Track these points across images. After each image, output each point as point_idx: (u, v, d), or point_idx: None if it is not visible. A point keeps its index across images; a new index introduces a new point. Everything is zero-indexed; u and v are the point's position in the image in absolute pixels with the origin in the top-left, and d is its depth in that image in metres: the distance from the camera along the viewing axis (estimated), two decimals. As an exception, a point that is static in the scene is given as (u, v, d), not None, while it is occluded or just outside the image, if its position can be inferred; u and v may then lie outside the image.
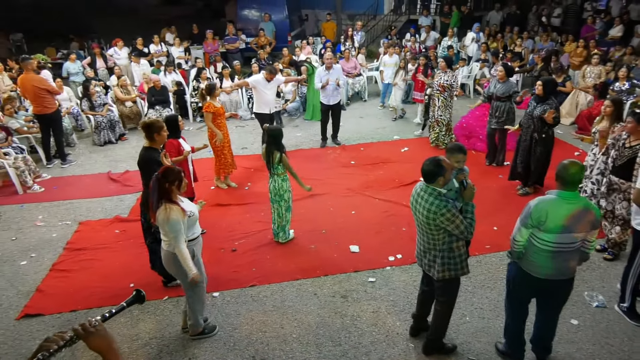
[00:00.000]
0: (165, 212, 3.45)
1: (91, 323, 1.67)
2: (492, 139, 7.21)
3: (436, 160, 3.21)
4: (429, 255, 3.44)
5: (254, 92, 7.63)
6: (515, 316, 3.60)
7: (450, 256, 3.35)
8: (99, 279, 4.87)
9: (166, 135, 4.58)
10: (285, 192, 5.19)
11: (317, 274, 4.87)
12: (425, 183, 3.27)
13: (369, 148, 8.32)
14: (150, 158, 4.39)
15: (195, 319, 3.95)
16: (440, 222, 3.17)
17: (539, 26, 14.04)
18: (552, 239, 3.09)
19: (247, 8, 15.07)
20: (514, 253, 3.36)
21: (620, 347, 3.82)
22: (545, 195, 3.19)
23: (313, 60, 11.02)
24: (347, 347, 3.90)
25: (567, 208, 3.04)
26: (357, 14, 17.09)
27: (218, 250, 5.32)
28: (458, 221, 3.16)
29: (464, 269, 3.42)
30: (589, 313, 4.22)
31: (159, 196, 3.50)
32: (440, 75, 7.71)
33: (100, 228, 5.94)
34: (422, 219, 3.29)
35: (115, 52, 11.47)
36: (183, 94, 10.15)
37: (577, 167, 3.08)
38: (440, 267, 3.37)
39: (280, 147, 5.08)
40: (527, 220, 3.14)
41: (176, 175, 3.51)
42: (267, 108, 7.55)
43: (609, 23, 12.48)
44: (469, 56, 12.22)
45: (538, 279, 3.25)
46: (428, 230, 3.31)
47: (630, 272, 4.02)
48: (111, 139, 8.95)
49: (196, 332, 4.00)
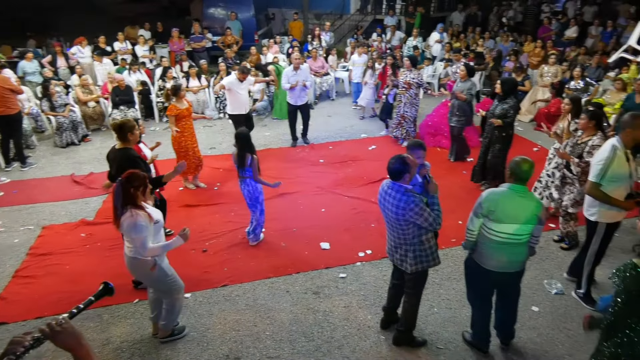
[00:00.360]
0: (132, 217, 3.38)
1: (58, 321, 1.63)
2: (455, 136, 7.46)
3: (401, 159, 3.32)
4: (400, 250, 3.55)
5: (228, 94, 7.53)
6: (478, 309, 3.77)
7: (422, 249, 3.47)
8: (66, 284, 4.76)
9: (139, 134, 4.52)
10: (260, 194, 5.18)
11: (288, 271, 4.92)
12: (392, 180, 3.39)
13: (337, 146, 8.42)
14: (131, 155, 4.33)
15: (170, 320, 3.90)
16: (410, 216, 3.28)
17: (500, 27, 14.50)
18: (500, 229, 3.29)
19: (213, 6, 14.93)
20: (468, 243, 3.55)
21: (577, 331, 4.04)
22: (497, 188, 3.39)
23: (280, 60, 11.03)
24: (320, 342, 3.97)
25: (516, 200, 3.25)
26: (324, 14, 17.18)
27: (188, 252, 5.28)
28: (426, 214, 3.28)
29: (435, 260, 3.56)
30: (548, 300, 4.44)
31: (124, 201, 3.42)
32: (405, 74, 7.90)
33: (65, 232, 5.80)
34: (391, 215, 3.39)
35: (79, 51, 11.14)
36: (148, 94, 9.97)
37: (529, 164, 3.29)
38: (413, 260, 3.49)
39: (252, 149, 5.05)
40: (479, 209, 3.35)
41: (141, 181, 3.44)
42: (243, 109, 7.52)
43: (565, 24, 13.03)
44: (434, 56, 12.50)
45: (489, 272, 3.45)
46: (398, 225, 3.42)
47: (586, 260, 4.25)
48: (74, 141, 8.71)
49: (166, 334, 3.97)
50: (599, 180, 3.79)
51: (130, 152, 4.35)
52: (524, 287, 4.54)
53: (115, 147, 4.42)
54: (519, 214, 3.24)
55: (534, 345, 3.91)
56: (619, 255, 4.96)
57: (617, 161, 3.74)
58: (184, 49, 12.12)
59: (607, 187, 3.80)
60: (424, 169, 3.59)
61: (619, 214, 3.99)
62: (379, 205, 3.54)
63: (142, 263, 3.55)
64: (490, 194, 3.34)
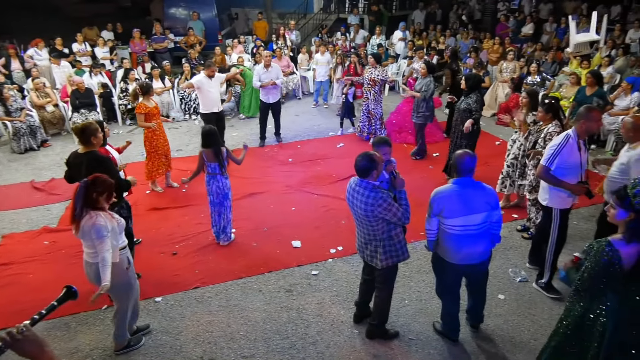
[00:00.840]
0: (91, 219, 3.29)
1: (19, 329, 1.59)
2: (420, 133, 7.64)
3: (368, 156, 3.38)
4: (370, 247, 3.60)
5: (199, 93, 7.45)
6: (447, 301, 3.88)
7: (391, 244, 3.54)
8: (29, 293, 4.60)
9: (102, 137, 4.40)
10: (229, 190, 5.21)
11: (261, 271, 4.92)
12: (360, 178, 3.44)
13: (305, 145, 8.45)
14: (99, 156, 4.20)
15: (122, 331, 3.80)
16: (379, 212, 3.34)
17: (459, 25, 14.86)
18: (454, 222, 3.41)
19: (174, 6, 14.67)
20: (430, 242, 3.67)
21: (542, 317, 4.22)
22: (443, 186, 3.52)
23: (245, 60, 10.96)
24: (294, 339, 4.00)
25: (462, 193, 3.38)
26: (288, 13, 17.17)
27: (158, 255, 5.21)
28: (394, 209, 3.35)
29: (405, 254, 3.63)
30: (513, 288, 4.61)
31: (84, 204, 3.32)
32: (370, 71, 8.02)
33: (27, 240, 5.60)
34: (360, 212, 3.43)
35: (36, 53, 10.72)
36: (110, 97, 9.72)
37: (469, 157, 3.40)
38: (383, 255, 3.54)
39: (222, 143, 5.07)
40: (431, 209, 3.48)
41: (106, 187, 3.36)
42: (215, 107, 7.45)
43: (521, 21, 13.47)
44: (397, 54, 12.70)
45: (454, 265, 3.56)
46: (367, 222, 3.47)
47: (548, 250, 4.41)
48: (32, 146, 8.40)
49: (121, 346, 3.85)
50: (548, 164, 3.96)
51: (97, 154, 4.24)
52: (491, 276, 4.70)
53: (77, 152, 4.28)
54: (468, 205, 3.36)
55: (500, 331, 4.06)
56: (578, 242, 5.20)
57: (568, 149, 3.90)
58: (145, 50, 11.87)
59: (558, 175, 3.96)
60: (390, 165, 3.66)
61: (570, 199, 4.16)
62: (348, 202, 3.58)
63: (113, 266, 3.38)
64: (436, 194, 3.46)
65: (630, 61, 9.14)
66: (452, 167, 3.49)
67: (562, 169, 3.94)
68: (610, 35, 11.31)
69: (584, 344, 2.72)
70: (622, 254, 2.54)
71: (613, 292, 2.63)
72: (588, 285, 2.66)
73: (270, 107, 8.24)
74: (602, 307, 2.65)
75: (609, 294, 2.64)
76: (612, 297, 2.64)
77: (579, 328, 2.74)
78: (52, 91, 9.41)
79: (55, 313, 3.99)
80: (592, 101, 6.87)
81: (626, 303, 2.62)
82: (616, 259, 2.54)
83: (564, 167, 3.94)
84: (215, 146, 5.04)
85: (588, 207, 6.09)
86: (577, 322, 2.74)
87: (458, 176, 3.43)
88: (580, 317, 2.73)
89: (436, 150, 7.85)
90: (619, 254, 2.54)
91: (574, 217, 5.86)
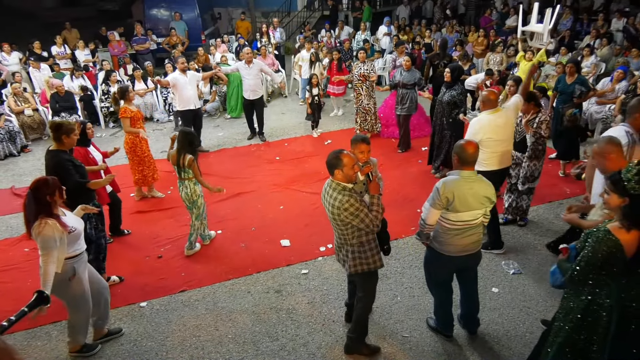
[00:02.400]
0: (40, 226, 3.16)
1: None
2: (405, 126, 7.61)
3: (335, 153, 3.15)
4: (342, 250, 3.40)
5: (175, 91, 7.41)
6: (441, 296, 3.77)
7: (361, 250, 3.29)
8: (9, 302, 4.41)
9: (76, 139, 4.25)
10: (198, 197, 4.90)
11: (249, 271, 4.79)
12: (331, 178, 3.23)
13: (293, 143, 8.33)
14: (62, 159, 4.07)
15: (75, 337, 3.69)
16: (345, 217, 3.09)
17: (444, 18, 14.84)
18: (458, 218, 3.26)
19: (155, 7, 14.45)
20: (423, 235, 3.51)
21: (537, 309, 4.14)
22: (447, 177, 3.34)
23: (229, 59, 10.81)
24: (284, 341, 3.88)
25: (469, 187, 3.23)
26: (271, 11, 17.03)
27: (143, 259, 5.06)
28: (362, 215, 3.08)
29: (377, 263, 3.37)
30: (506, 280, 4.53)
31: (37, 211, 3.20)
32: (359, 66, 7.93)
33: (6, 248, 5.43)
34: (329, 215, 3.25)
35: (3, 58, 10.43)
36: (91, 99, 9.50)
37: (474, 147, 3.26)
38: (352, 261, 3.31)
39: (193, 150, 4.77)
40: (437, 201, 3.24)
41: (53, 185, 3.25)
42: (192, 104, 7.38)
43: (505, 14, 13.48)
44: (383, 49, 12.62)
45: (451, 257, 3.44)
46: (336, 225, 3.26)
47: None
48: (12, 152, 8.18)
49: (75, 349, 3.74)
50: None
51: (63, 155, 4.10)
52: (484, 269, 4.65)
53: (49, 149, 4.16)
54: (474, 200, 3.23)
55: (495, 325, 3.98)
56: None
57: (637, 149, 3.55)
58: (126, 52, 11.65)
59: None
60: (367, 166, 3.32)
61: None
62: (322, 202, 3.36)
63: (55, 276, 3.22)
64: (446, 185, 3.22)
65: (615, 50, 9.16)
66: (456, 156, 3.26)
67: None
68: (594, 25, 11.36)
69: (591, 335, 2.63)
70: (622, 241, 2.45)
71: (615, 281, 2.55)
72: (588, 275, 2.56)
73: (252, 103, 8.17)
74: (605, 297, 2.56)
75: (611, 283, 2.55)
76: (615, 286, 2.55)
77: (584, 319, 2.64)
78: (32, 96, 9.18)
79: (36, 321, 3.86)
80: (575, 89, 6.85)
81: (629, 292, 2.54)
82: (615, 247, 2.45)
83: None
84: (181, 149, 4.71)
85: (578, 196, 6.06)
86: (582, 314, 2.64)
87: (462, 167, 3.26)
88: (584, 308, 2.63)
89: (425, 144, 7.76)
90: (619, 242, 2.45)
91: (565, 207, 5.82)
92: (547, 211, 5.73)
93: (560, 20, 12.17)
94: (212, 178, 6.70)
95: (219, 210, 6.01)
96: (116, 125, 9.39)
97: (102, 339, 3.90)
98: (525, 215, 5.39)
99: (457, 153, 3.29)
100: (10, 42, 10.79)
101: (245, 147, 8.21)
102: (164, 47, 12.59)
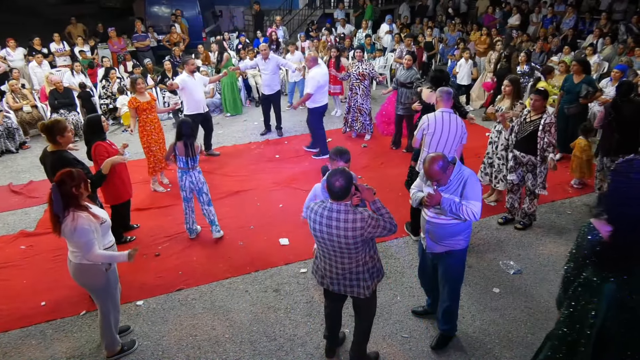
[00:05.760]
0: (74, 221, 3.10)
1: None
2: (399, 125, 7.54)
3: (347, 176, 2.87)
4: (349, 277, 3.09)
5: (183, 94, 7.14)
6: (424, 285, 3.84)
7: (373, 264, 3.13)
8: (4, 301, 4.38)
9: (71, 135, 4.19)
10: (203, 184, 5.08)
11: (247, 270, 4.74)
12: (334, 201, 2.92)
13: (292, 141, 8.27)
14: (65, 158, 4.01)
15: (110, 337, 3.60)
16: (369, 232, 2.88)
17: (446, 17, 14.76)
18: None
19: (156, 5, 14.41)
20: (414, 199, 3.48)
21: (539, 310, 4.08)
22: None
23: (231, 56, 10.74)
24: (282, 341, 3.82)
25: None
26: (273, 10, 16.97)
27: (140, 257, 4.99)
28: (381, 221, 2.94)
29: (382, 269, 3.26)
30: (508, 280, 4.47)
31: (65, 205, 3.11)
32: (357, 65, 7.83)
33: (3, 245, 5.37)
34: (341, 242, 2.92)
35: (7, 54, 10.40)
36: (90, 97, 9.43)
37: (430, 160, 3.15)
38: (369, 280, 3.10)
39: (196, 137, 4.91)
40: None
41: (79, 177, 3.17)
42: (201, 107, 7.19)
43: (508, 12, 13.40)
44: (384, 47, 12.54)
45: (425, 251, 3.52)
46: (347, 251, 2.96)
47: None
48: (10, 148, 8.13)
49: (114, 352, 3.66)
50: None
51: (64, 154, 4.04)
52: (484, 269, 4.59)
53: (46, 149, 4.10)
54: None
55: (497, 326, 3.92)
56: (573, 233, 5.07)
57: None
58: (125, 49, 11.59)
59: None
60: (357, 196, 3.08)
61: None
62: (315, 234, 3.01)
63: (90, 267, 3.26)
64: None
65: (619, 49, 9.08)
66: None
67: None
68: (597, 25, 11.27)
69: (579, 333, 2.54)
70: (604, 234, 2.29)
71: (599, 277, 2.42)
72: (576, 272, 2.48)
73: (269, 98, 8.15)
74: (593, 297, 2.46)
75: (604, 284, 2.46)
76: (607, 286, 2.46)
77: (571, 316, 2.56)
78: (31, 92, 9.12)
79: (31, 320, 3.82)
80: (582, 88, 6.76)
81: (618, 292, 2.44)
82: (596, 241, 2.32)
83: None
84: (188, 138, 4.85)
85: (580, 196, 6.01)
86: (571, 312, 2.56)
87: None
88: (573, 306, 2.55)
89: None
90: (600, 235, 2.31)
91: (567, 207, 5.77)
92: (547, 211, 5.67)
93: (562, 19, 12.12)
94: (212, 176, 6.66)
95: (217, 208, 5.92)
96: (115, 122, 9.35)
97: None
98: (532, 219, 5.32)
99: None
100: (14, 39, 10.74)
101: (244, 145, 8.16)
102: (164, 44, 12.54)
